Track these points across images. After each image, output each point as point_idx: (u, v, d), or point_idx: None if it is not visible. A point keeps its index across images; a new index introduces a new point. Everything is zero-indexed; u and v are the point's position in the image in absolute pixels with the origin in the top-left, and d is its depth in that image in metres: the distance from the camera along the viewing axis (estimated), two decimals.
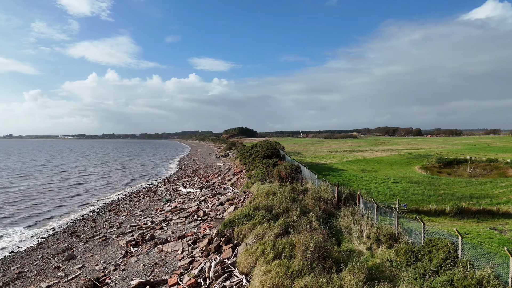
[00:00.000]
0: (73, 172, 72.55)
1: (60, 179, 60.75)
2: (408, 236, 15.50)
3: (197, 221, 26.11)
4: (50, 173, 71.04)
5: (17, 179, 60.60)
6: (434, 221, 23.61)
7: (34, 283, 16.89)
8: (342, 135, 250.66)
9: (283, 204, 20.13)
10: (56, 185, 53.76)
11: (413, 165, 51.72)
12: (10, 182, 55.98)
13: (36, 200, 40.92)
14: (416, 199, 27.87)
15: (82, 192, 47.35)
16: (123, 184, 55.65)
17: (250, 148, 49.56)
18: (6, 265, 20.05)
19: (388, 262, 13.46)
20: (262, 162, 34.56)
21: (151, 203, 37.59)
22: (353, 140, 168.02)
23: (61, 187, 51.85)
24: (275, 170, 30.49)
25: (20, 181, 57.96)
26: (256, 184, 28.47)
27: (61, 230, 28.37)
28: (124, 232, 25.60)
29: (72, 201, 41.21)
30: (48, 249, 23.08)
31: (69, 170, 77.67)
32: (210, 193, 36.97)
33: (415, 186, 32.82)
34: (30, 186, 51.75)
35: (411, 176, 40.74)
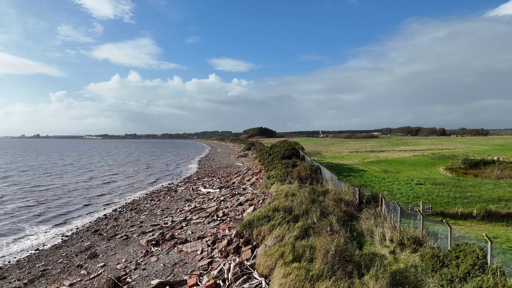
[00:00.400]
0: (100, 172, 74.37)
1: (87, 178, 62.43)
2: (434, 240, 14.94)
3: (216, 221, 26.15)
4: (77, 172, 73.11)
5: (46, 178, 62.66)
6: (460, 224, 22.75)
7: (57, 280, 17.31)
8: (363, 135, 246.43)
9: (302, 205, 19.84)
10: (83, 184, 55.25)
11: (438, 166, 50.17)
12: (39, 181, 57.92)
13: (62, 199, 42.13)
14: (441, 202, 26.94)
15: (107, 192, 48.40)
16: (147, 184, 56.61)
17: (269, 148, 49.38)
18: (32, 263, 20.67)
19: (413, 267, 13.00)
20: (282, 163, 34.29)
21: (172, 203, 37.99)
22: (375, 140, 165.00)
23: (87, 186, 53.24)
24: (295, 170, 30.17)
25: (48, 180, 59.88)
26: (275, 184, 28.25)
27: (85, 228, 29.05)
28: (144, 232, 25.94)
29: (97, 200, 42.18)
30: (71, 247, 23.67)
31: (95, 169, 79.69)
32: (229, 193, 37.01)
33: (440, 188, 31.76)
34: (58, 185, 53.37)
35: (435, 177, 39.50)
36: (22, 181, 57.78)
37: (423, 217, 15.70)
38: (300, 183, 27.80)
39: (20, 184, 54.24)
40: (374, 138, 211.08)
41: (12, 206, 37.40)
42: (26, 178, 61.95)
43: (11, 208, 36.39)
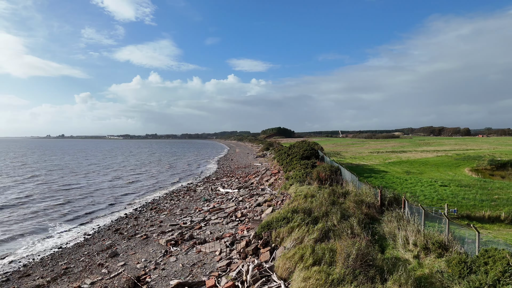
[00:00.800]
0: (123, 171, 75.92)
1: (111, 178, 63.87)
2: (460, 245, 14.35)
3: (235, 221, 26.10)
4: (103, 172, 74.89)
5: (72, 177, 64.44)
6: (487, 228, 21.85)
7: (79, 279, 17.65)
8: (384, 135, 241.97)
9: (322, 207, 19.50)
10: (107, 183, 56.49)
11: (462, 167, 48.56)
12: (66, 181, 59.61)
13: (86, 198, 43.15)
14: (467, 204, 25.99)
15: (129, 191, 49.26)
16: (167, 183, 57.37)
17: (287, 148, 48.98)
18: (55, 261, 21.18)
19: (438, 273, 12.49)
20: (300, 163, 33.93)
21: (191, 203, 38.26)
22: (396, 141, 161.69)
23: (111, 185, 54.40)
24: (314, 171, 29.77)
25: (74, 179, 61.54)
26: (294, 185, 27.95)
27: (106, 227, 29.59)
28: (164, 231, 26.17)
29: (119, 199, 42.99)
30: (93, 245, 24.14)
31: (119, 169, 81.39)
32: (248, 194, 36.93)
33: (465, 190, 30.68)
34: (83, 185, 54.76)
35: (460, 179, 38.20)
36: (49, 180, 59.63)
37: (448, 221, 15.10)
38: (320, 184, 27.40)
39: (47, 183, 55.98)
40: (395, 138, 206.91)
41: (38, 205, 38.58)
42: (53, 177, 63.89)
43: (38, 206, 37.54)
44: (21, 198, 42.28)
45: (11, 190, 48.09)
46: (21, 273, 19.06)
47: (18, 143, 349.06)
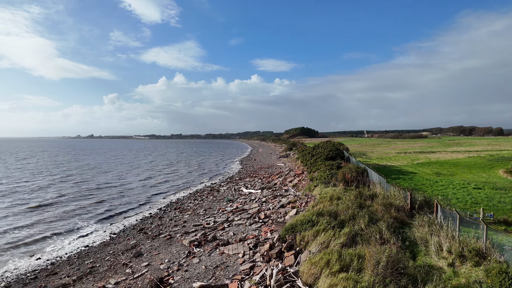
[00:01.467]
0: (154, 171, 77.35)
1: (143, 178, 65.03)
2: (499, 253, 13.38)
3: (258, 223, 25.74)
4: (134, 171, 76.55)
5: (106, 177, 66.25)
6: None
7: (104, 278, 17.82)
8: (411, 135, 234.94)
9: (349, 210, 18.82)
10: (138, 183, 57.60)
11: (496, 169, 46.09)
12: (98, 180, 61.32)
13: (116, 198, 44.05)
14: (504, 208, 24.45)
15: (159, 191, 49.99)
16: (196, 183, 57.88)
17: (312, 149, 48.09)
18: (81, 259, 21.57)
19: (477, 283, 11.63)
20: (325, 164, 33.14)
21: (214, 203, 38.26)
22: (424, 141, 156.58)
23: (141, 185, 55.41)
24: (339, 172, 28.97)
25: (106, 179, 63.22)
26: (319, 187, 27.29)
27: (131, 226, 29.99)
28: (187, 232, 26.18)
29: (147, 199, 43.59)
30: (118, 245, 24.46)
31: (150, 169, 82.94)
32: (271, 195, 36.52)
33: (501, 193, 28.96)
34: (115, 184, 56.06)
35: (495, 181, 36.21)
36: (82, 179, 61.46)
37: (486, 226, 14.12)
38: (346, 186, 26.60)
39: (80, 182, 57.73)
40: (423, 138, 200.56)
41: (69, 204, 39.69)
42: (86, 176, 65.80)
43: (69, 206, 38.62)
44: (54, 197, 43.65)
45: (46, 190, 49.83)
46: (49, 271, 19.50)
47: (51, 143, 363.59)
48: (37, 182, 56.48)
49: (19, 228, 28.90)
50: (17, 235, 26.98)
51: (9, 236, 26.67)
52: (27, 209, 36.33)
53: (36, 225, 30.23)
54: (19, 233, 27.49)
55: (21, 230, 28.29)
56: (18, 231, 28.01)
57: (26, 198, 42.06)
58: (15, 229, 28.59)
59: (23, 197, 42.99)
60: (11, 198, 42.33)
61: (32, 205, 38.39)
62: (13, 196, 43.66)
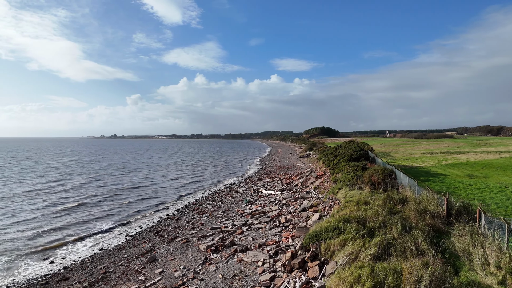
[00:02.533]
0: (181, 171, 77.27)
1: (170, 178, 64.82)
2: None
3: (279, 227, 24.32)
4: (162, 172, 76.70)
5: (132, 177, 66.48)
6: None
7: (115, 286, 16.84)
8: (436, 135, 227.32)
9: (379, 216, 17.13)
10: (163, 184, 57.33)
11: None
12: (121, 180, 61.47)
13: (138, 199, 43.64)
14: None
15: (182, 192, 49.42)
16: (215, 183, 57.12)
17: (334, 149, 46.19)
18: (95, 263, 20.74)
19: None
20: (349, 165, 31.35)
21: (232, 204, 37.10)
22: (450, 141, 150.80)
23: (166, 186, 55.08)
24: (365, 174, 27.18)
25: (133, 180, 63.35)
26: (344, 190, 25.58)
27: (148, 228, 29.17)
28: (204, 235, 25.07)
29: (167, 200, 42.95)
30: (133, 248, 23.56)
31: (177, 169, 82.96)
32: (292, 197, 35.02)
33: None
34: (141, 185, 55.92)
35: None
36: (108, 180, 61.72)
37: None
38: (372, 189, 24.81)
39: (105, 183, 57.92)
40: (449, 138, 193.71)
41: (91, 205, 39.42)
42: (113, 177, 66.09)
43: (90, 207, 38.32)
44: (78, 198, 43.57)
45: (72, 190, 50.08)
46: (61, 276, 18.72)
47: (76, 143, 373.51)
48: (64, 182, 57.00)
49: (37, 229, 28.58)
50: (35, 236, 26.60)
51: (26, 237, 26.32)
52: (50, 209, 36.22)
53: (55, 226, 29.84)
54: (37, 235, 27.11)
55: (40, 231, 27.92)
56: (36, 232, 27.65)
57: (50, 199, 42.13)
58: (33, 230, 28.28)
59: (47, 197, 43.13)
60: (36, 198, 42.53)
61: (56, 205, 38.35)
62: (38, 196, 43.88)
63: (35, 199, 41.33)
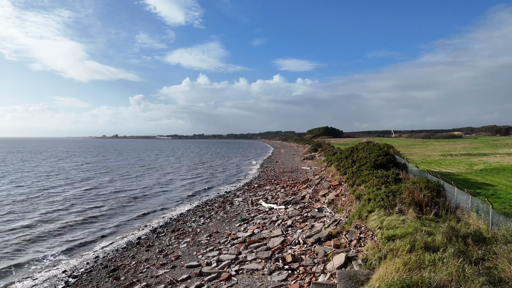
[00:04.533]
0: (178, 174, 69.68)
1: (165, 182, 57.27)
2: None
3: (283, 271, 16.55)
4: (159, 173, 69.19)
5: (122, 182, 58.91)
6: None
7: None
8: (444, 135, 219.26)
9: (467, 283, 9.40)
10: (145, 190, 49.76)
11: None
12: (106, 187, 53.90)
13: (111, 214, 36.09)
14: None
15: (167, 201, 41.91)
16: (203, 190, 49.45)
17: (348, 152, 38.16)
18: None
19: None
20: (375, 175, 23.57)
21: (223, 223, 29.42)
22: (463, 141, 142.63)
23: (147, 193, 47.51)
24: (403, 189, 19.48)
25: (122, 184, 55.78)
26: (377, 213, 17.80)
27: (106, 261, 21.53)
28: (175, 280, 17.34)
29: (150, 213, 35.43)
30: None
31: (168, 173, 75.52)
32: (299, 214, 27.30)
33: None
34: (129, 190, 48.41)
35: None
36: (79, 184, 54.19)
37: None
38: (419, 213, 17.08)
39: (77, 187, 50.40)
40: (458, 139, 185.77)
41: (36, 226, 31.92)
42: (90, 179, 58.56)
43: (35, 228, 30.83)
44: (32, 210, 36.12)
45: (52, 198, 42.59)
46: None
47: (77, 143, 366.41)
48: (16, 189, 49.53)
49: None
50: None
51: None
52: None
53: None
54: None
55: None
56: None
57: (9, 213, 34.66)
58: None
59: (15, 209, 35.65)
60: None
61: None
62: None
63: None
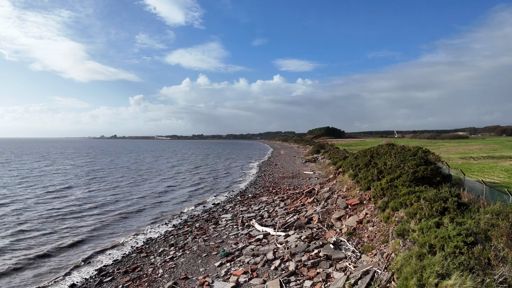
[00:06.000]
0: (163, 182, 61.28)
1: (144, 194, 48.87)
2: None
3: None
4: (141, 179, 60.75)
5: (79, 191, 50.52)
6: None
7: None
8: (451, 135, 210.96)
9: None
10: (121, 205, 41.36)
11: None
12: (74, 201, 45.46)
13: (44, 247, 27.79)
14: None
15: (141, 223, 33.56)
16: (190, 201, 41.09)
17: (366, 157, 29.38)
18: None
19: None
20: (423, 195, 15.16)
21: (199, 259, 21.01)
22: (475, 142, 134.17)
23: (125, 208, 39.14)
24: (490, 228, 11.26)
25: (81, 194, 47.34)
26: (456, 280, 9.58)
27: None
28: None
29: (106, 240, 27.14)
30: None
31: (152, 180, 67.13)
32: (305, 250, 18.93)
33: None
34: (89, 209, 40.02)
35: None
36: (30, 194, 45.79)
37: None
38: None
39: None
40: (465, 139, 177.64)
41: None
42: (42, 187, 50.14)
43: None
44: None
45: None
46: None
47: (72, 144, 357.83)
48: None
49: None
50: None
51: None
52: None
53: None
54: None
55: None
56: None
57: None
58: None
59: None
60: None
61: None
62: None
63: None
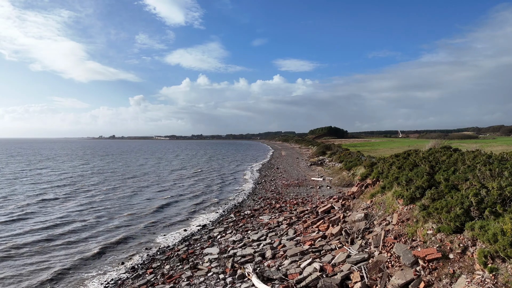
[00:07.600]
0: (143, 195, 51.87)
1: (117, 210, 39.44)
2: None
3: None
4: (118, 190, 51.31)
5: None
6: None
7: None
8: (459, 135, 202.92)
9: None
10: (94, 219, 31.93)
11: None
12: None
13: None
14: None
15: (95, 264, 24.16)
16: (173, 223, 31.68)
17: (425, 169, 19.90)
18: None
19: None
20: None
21: None
22: (494, 142, 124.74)
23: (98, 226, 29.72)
24: None
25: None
26: None
27: None
28: None
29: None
30: None
31: (133, 191, 57.74)
32: None
33: None
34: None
35: None
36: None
37: None
38: None
39: None
40: (475, 139, 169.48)
41: None
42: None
43: None
44: None
45: None
46: None
47: (68, 144, 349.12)
48: None
49: None
50: None
51: None
52: None
53: None
54: None
55: None
56: None
57: None
58: None
59: None
60: None
61: None
62: None
63: None
